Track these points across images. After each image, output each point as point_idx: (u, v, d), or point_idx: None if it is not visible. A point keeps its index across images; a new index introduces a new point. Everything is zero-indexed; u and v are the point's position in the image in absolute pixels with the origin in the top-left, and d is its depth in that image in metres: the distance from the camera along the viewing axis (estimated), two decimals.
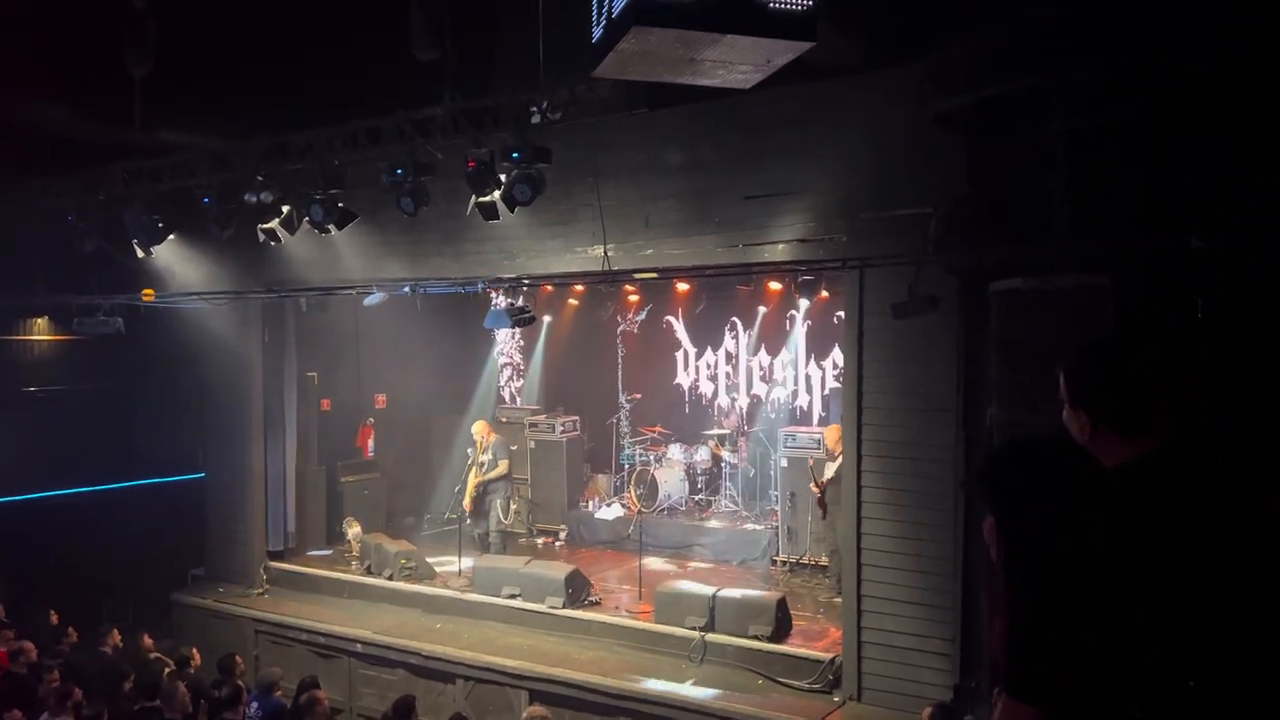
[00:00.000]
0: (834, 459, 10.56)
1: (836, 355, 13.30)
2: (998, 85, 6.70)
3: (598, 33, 4.41)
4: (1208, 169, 6.43)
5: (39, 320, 13.50)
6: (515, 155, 7.90)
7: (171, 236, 10.63)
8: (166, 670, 9.09)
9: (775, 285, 12.56)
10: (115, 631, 10.44)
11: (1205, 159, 6.44)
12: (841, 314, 10.96)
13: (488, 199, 8.24)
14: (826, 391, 13.74)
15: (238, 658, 9.70)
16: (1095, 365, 2.33)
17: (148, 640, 10.66)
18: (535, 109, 8.11)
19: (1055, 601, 1.92)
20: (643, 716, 8.91)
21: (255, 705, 8.37)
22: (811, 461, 10.98)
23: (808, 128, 8.54)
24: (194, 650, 10.01)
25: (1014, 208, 7.32)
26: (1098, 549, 1.93)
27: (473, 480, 12.27)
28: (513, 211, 8.32)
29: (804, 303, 13.21)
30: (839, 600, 9.38)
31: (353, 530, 12.84)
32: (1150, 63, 6.19)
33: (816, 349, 13.92)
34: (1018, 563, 1.98)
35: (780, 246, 8.74)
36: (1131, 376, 2.25)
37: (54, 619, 10.89)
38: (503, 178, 8.11)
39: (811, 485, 10.76)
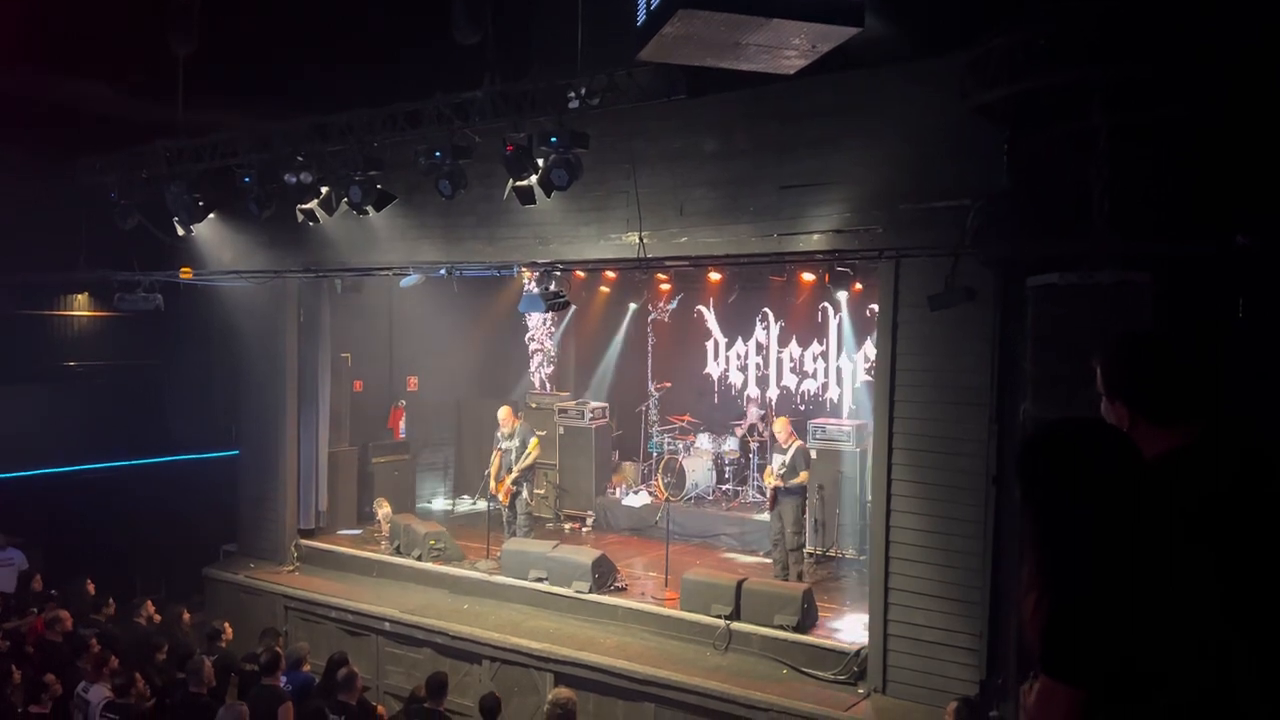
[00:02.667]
0: (783, 451, 10.55)
1: (868, 348, 13.26)
2: (1040, 78, 6.64)
3: (642, 15, 4.42)
4: (1254, 166, 6.35)
5: (79, 296, 13.71)
6: (553, 140, 7.92)
7: (211, 215, 10.75)
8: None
9: (808, 277, 12.52)
10: (149, 603, 10.62)
11: (1252, 156, 6.37)
12: (875, 307, 10.93)
13: (525, 183, 8.27)
14: (858, 384, 13.70)
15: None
16: (1132, 356, 2.32)
17: (186, 614, 10.84)
18: (573, 94, 8.12)
19: (1083, 585, 1.92)
20: (667, 702, 8.96)
21: (284, 680, 8.47)
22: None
23: (845, 117, 8.51)
24: (225, 624, 10.15)
25: (1054, 202, 7.26)
26: (1126, 535, 1.93)
27: (495, 462, 12.31)
28: (549, 196, 8.36)
29: (837, 295, 13.17)
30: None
31: (383, 510, 12.96)
32: (1195, 60, 6.12)
33: (848, 341, 13.88)
34: (1050, 542, 1.99)
35: (815, 236, 8.72)
36: (1169, 367, 2.25)
37: (91, 589, 11.09)
38: (540, 162, 8.13)
39: (765, 477, 10.70)
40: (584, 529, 13.59)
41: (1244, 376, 5.43)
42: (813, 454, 11.58)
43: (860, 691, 8.56)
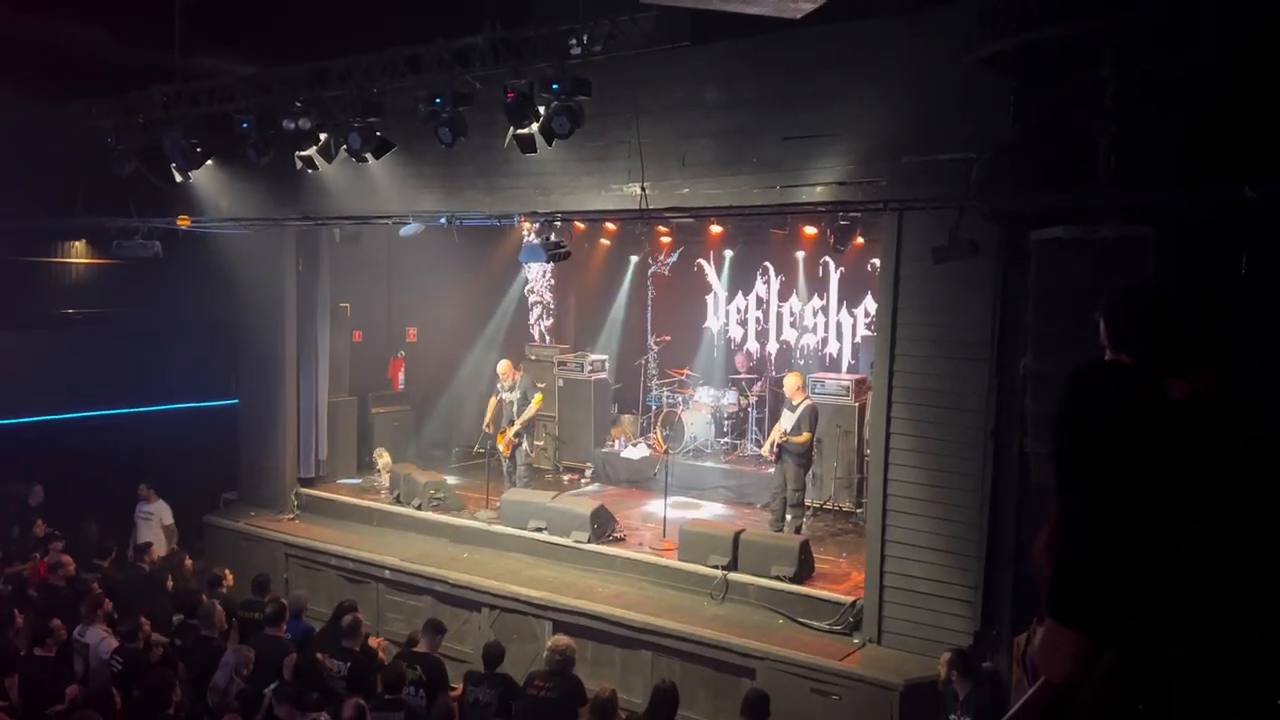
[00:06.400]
0: (793, 409, 10.51)
1: (869, 303, 13.24)
2: (1049, 28, 6.55)
3: None
4: (1262, 119, 6.29)
5: (77, 243, 13.62)
6: (554, 86, 7.81)
7: (209, 162, 10.64)
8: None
9: (810, 230, 12.45)
10: (153, 547, 10.69)
11: (1259, 109, 6.30)
12: (876, 261, 10.90)
13: (526, 131, 8.17)
14: (857, 339, 13.71)
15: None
16: (1134, 308, 2.30)
17: (188, 560, 10.92)
18: (574, 41, 8.00)
19: (1085, 534, 1.93)
20: (664, 650, 9.06)
21: (284, 628, 8.55)
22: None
23: (850, 68, 8.41)
24: (226, 571, 10.22)
25: (1059, 155, 7.21)
26: (1130, 486, 1.92)
27: (491, 407, 12.32)
28: (550, 144, 8.26)
29: (838, 249, 13.09)
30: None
31: (383, 460, 13.02)
32: (1204, 10, 6.03)
33: (848, 296, 13.86)
34: (1061, 489, 1.98)
35: (818, 188, 8.66)
36: (1171, 318, 2.23)
37: (96, 534, 11.16)
38: (541, 109, 8.03)
39: (776, 431, 10.68)
40: (582, 480, 13.65)
41: (1247, 332, 5.41)
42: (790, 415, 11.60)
43: (855, 642, 8.66)
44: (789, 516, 10.53)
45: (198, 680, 7.74)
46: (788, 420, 10.47)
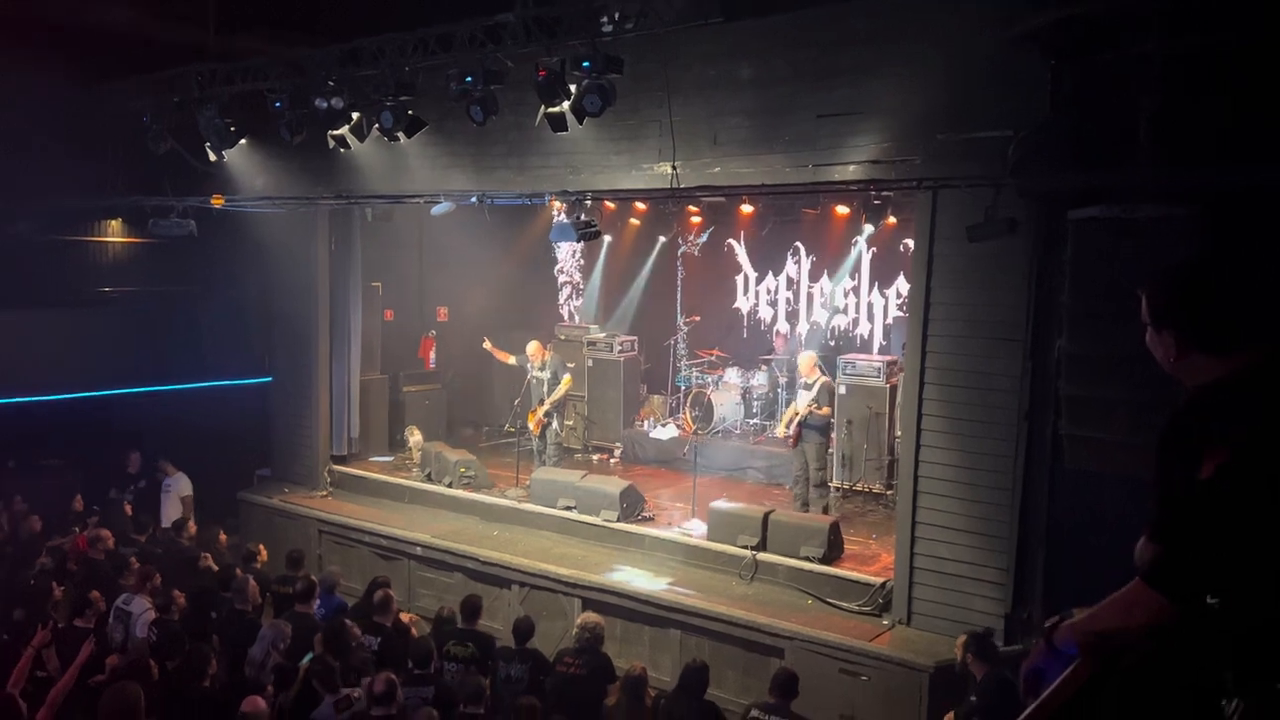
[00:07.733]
0: (808, 388, 10.46)
1: (900, 284, 13.13)
2: (1089, 3, 6.46)
3: None
4: None
5: (113, 222, 13.77)
6: (586, 64, 7.78)
7: (243, 141, 10.71)
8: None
9: (841, 210, 12.35)
10: (191, 523, 10.85)
11: None
12: (909, 241, 10.80)
13: (557, 109, 8.16)
14: (889, 320, 13.61)
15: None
16: (1181, 282, 2.25)
17: (223, 536, 11.07)
18: (606, 18, 7.96)
19: (1205, 508, 1.93)
20: (692, 629, 9.09)
21: (318, 604, 8.65)
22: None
23: (884, 45, 8.30)
24: (260, 546, 10.35)
25: (1098, 132, 7.09)
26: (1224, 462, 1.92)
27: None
28: (581, 123, 8.24)
29: (869, 228, 13.00)
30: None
31: (414, 438, 13.12)
32: None
33: (880, 277, 13.76)
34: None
35: (851, 167, 8.57)
36: (1219, 291, 2.18)
37: (128, 510, 11.33)
38: (573, 88, 8.01)
39: (792, 411, 10.64)
40: (612, 460, 13.69)
41: None
42: (841, 389, 11.54)
43: (885, 623, 8.64)
44: (815, 497, 10.50)
45: (232, 653, 7.86)
46: (804, 400, 10.44)
